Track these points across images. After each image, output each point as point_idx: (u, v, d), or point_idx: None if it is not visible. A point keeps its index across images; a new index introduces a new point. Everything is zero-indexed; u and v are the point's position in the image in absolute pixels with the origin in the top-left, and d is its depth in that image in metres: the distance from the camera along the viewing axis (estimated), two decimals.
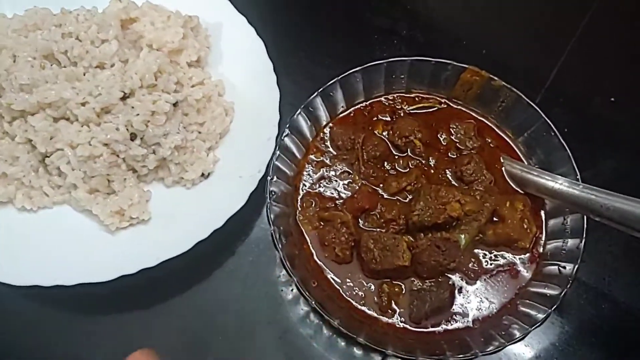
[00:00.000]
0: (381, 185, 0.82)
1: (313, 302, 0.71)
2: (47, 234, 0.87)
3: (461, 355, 0.70)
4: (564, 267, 0.74)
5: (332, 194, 0.82)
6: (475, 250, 0.79)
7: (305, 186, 0.82)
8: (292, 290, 0.90)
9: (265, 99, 0.93)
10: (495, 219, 0.80)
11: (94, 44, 0.88)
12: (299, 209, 0.81)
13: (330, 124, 0.86)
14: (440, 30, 1.09)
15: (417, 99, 0.87)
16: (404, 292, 0.77)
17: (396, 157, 0.84)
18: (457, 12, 1.12)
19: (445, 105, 0.87)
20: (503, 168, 0.83)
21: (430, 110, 0.87)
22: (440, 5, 1.13)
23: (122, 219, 0.87)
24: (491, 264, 0.79)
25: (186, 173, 0.90)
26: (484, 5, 1.13)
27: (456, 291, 0.77)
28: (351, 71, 0.83)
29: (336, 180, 0.83)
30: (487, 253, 0.79)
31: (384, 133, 0.85)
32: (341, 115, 0.87)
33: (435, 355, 0.71)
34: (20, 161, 0.87)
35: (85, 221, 0.88)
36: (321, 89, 0.83)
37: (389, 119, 0.86)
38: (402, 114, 0.86)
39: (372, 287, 0.77)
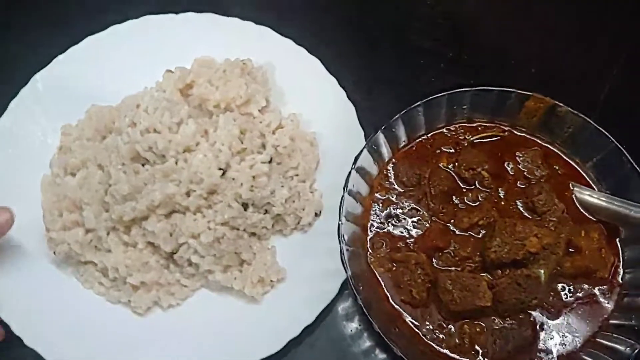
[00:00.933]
0: (452, 221, 0.80)
1: (398, 351, 0.70)
2: (204, 321, 0.86)
3: None
4: None
5: (402, 232, 0.80)
6: (554, 284, 0.77)
7: (374, 226, 0.80)
8: (357, 327, 0.88)
9: (341, 117, 0.93)
10: (570, 249, 0.78)
11: (172, 130, 0.85)
12: (370, 250, 0.79)
13: (393, 160, 0.84)
14: (486, 50, 1.06)
15: (479, 128, 0.85)
16: (485, 331, 0.75)
17: (464, 190, 0.82)
18: (499, 30, 1.10)
19: (509, 133, 0.85)
20: (573, 196, 0.81)
21: (494, 139, 0.85)
22: (485, 26, 1.10)
23: (264, 285, 0.86)
24: (571, 297, 0.76)
25: (301, 219, 0.90)
26: (524, 20, 1.10)
27: (538, 327, 0.75)
28: (413, 106, 0.81)
29: (405, 218, 0.81)
30: (565, 286, 0.77)
31: (449, 166, 0.83)
32: (403, 149, 0.85)
33: None
34: (151, 265, 0.86)
35: (229, 298, 0.88)
36: (384, 127, 0.81)
37: (452, 150, 0.84)
38: (465, 144, 0.84)
39: (452, 328, 0.75)
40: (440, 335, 0.75)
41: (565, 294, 0.77)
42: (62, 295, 0.87)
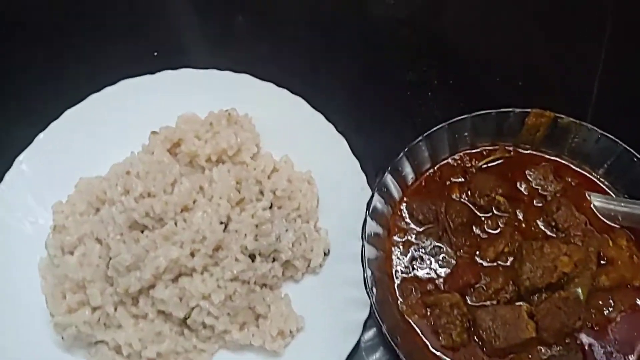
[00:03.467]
0: (477, 252, 0.77)
1: None
2: None
3: None
4: None
5: (429, 274, 0.77)
6: (593, 301, 0.74)
7: (399, 272, 0.77)
8: None
9: (333, 150, 0.92)
10: (602, 262, 0.75)
11: (167, 191, 0.82)
12: (400, 299, 0.75)
13: (405, 199, 0.81)
14: (469, 72, 1.06)
15: (484, 152, 0.83)
16: None
17: (482, 218, 0.79)
18: (478, 51, 1.09)
19: (515, 153, 0.84)
20: (592, 205, 0.80)
21: (500, 161, 0.83)
22: (463, 49, 1.09)
23: (284, 337, 0.82)
24: (613, 311, 0.74)
25: (311, 261, 0.86)
26: (504, 34, 1.10)
27: (587, 349, 0.72)
28: (415, 141, 0.79)
29: (429, 259, 0.77)
30: (604, 300, 0.74)
31: (462, 196, 0.81)
32: (412, 186, 0.82)
33: None
34: (165, 334, 0.80)
35: (249, 356, 0.83)
36: (390, 167, 0.78)
37: (462, 179, 0.82)
38: (474, 171, 0.82)
39: None
40: None
41: (607, 309, 0.74)
42: None
